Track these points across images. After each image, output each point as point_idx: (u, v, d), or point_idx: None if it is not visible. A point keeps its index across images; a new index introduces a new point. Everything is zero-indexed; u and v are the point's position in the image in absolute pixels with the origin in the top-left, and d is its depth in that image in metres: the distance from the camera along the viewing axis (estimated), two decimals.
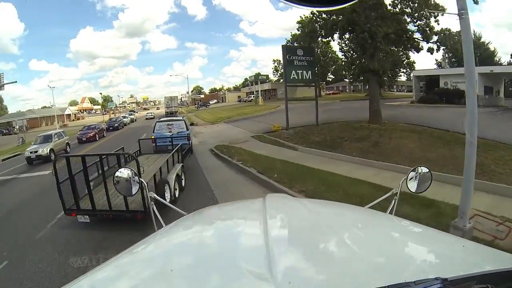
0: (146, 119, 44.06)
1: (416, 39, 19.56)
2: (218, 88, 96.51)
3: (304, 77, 16.06)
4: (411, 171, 1.81)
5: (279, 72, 67.93)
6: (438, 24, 19.74)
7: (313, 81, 17.30)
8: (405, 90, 54.00)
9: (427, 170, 1.79)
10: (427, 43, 20.69)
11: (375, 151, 11.44)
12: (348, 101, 37.83)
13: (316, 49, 28.82)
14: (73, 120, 63.99)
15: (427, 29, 18.30)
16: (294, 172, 9.03)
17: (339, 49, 45.21)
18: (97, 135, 23.52)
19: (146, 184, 1.99)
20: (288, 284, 0.79)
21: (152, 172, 6.73)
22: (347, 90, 63.50)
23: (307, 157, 11.21)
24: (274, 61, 69.47)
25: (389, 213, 1.72)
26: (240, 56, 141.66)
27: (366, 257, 0.98)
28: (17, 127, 45.43)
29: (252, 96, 59.91)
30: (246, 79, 74.86)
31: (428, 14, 18.57)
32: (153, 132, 12.36)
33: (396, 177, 8.32)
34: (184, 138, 11.87)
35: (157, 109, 72.41)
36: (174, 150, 8.79)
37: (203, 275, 0.97)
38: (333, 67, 57.22)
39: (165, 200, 6.21)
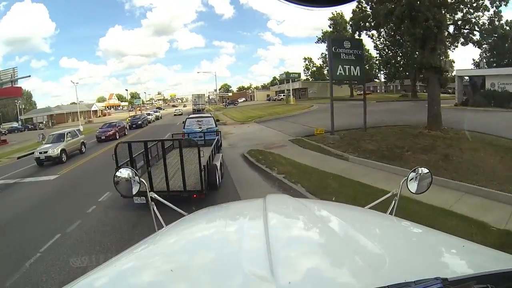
0: (174, 115, 44.37)
1: (478, 31, 16.99)
2: (246, 87, 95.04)
3: (352, 73, 13.53)
4: (411, 171, 1.78)
5: (310, 71, 65.44)
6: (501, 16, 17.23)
7: (361, 79, 14.96)
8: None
9: (427, 171, 1.76)
10: (492, 37, 18.05)
11: (447, 166, 9.15)
12: (385, 102, 34.99)
13: None
14: (99, 116, 64.30)
15: (496, 19, 15.68)
16: (355, 194, 7.05)
17: (373, 47, 42.75)
18: (117, 134, 22.02)
19: (146, 184, 1.92)
20: (289, 284, 0.78)
21: (206, 157, 7.47)
22: (378, 91, 60.63)
23: (362, 170, 9.14)
24: (305, 59, 66.64)
25: (389, 213, 1.70)
26: (268, 55, 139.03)
27: (366, 257, 0.93)
28: (44, 122, 45.73)
29: (282, 95, 57.29)
30: (274, 78, 72.95)
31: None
32: (184, 128, 12.87)
33: (495, 207, 6.12)
34: (213, 133, 12.12)
35: (184, 106, 72.62)
36: (214, 142, 9.72)
37: (204, 276, 0.95)
38: (366, 66, 54.00)
39: (216, 182, 7.47)
